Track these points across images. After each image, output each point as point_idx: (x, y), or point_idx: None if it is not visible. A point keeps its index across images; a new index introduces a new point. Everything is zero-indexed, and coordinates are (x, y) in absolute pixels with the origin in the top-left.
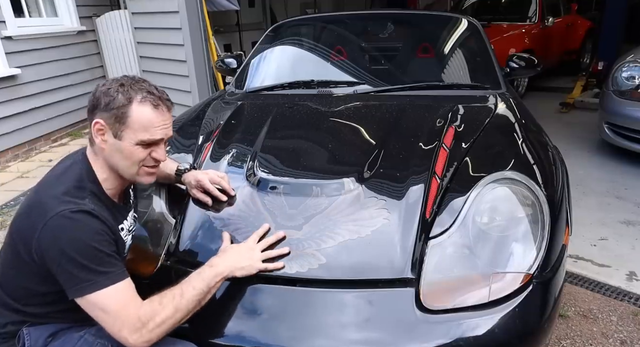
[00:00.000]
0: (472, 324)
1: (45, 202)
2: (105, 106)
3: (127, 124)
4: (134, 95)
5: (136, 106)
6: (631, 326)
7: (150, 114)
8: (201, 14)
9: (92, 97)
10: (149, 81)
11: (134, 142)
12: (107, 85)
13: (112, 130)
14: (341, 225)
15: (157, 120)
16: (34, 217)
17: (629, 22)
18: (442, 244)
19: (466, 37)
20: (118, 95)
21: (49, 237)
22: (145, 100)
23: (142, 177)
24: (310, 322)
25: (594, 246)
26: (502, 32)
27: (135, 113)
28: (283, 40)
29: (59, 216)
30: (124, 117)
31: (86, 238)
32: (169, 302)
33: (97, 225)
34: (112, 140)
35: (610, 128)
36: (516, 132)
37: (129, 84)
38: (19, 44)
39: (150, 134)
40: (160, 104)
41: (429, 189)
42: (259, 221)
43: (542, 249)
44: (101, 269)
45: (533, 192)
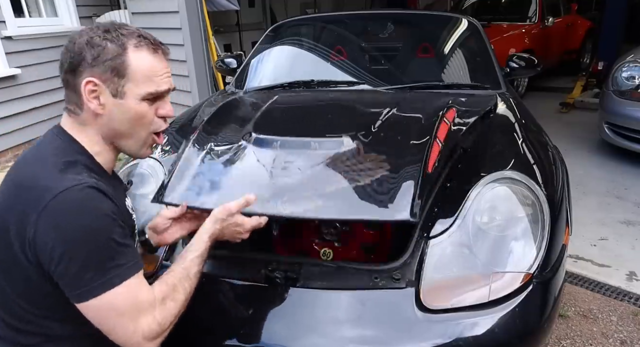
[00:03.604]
0: (472, 324)
1: (36, 185)
2: (95, 59)
3: (128, 76)
4: (127, 40)
5: (133, 53)
6: (631, 326)
7: (152, 60)
8: (201, 14)
9: (70, 53)
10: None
11: (140, 97)
12: (86, 34)
13: (109, 89)
14: (339, 174)
15: (160, 67)
16: (23, 205)
17: (629, 22)
18: (442, 244)
19: (466, 37)
20: (107, 43)
21: (48, 226)
22: (140, 45)
23: (147, 150)
24: (310, 321)
25: (594, 246)
26: (502, 32)
27: (134, 61)
28: (283, 40)
29: (63, 196)
30: (122, 68)
31: (97, 225)
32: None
33: (107, 205)
34: (111, 102)
35: (610, 128)
36: (516, 132)
37: (114, 28)
38: (19, 44)
39: (157, 85)
40: (158, 47)
41: (430, 148)
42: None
43: (542, 248)
44: (112, 263)
45: (533, 191)
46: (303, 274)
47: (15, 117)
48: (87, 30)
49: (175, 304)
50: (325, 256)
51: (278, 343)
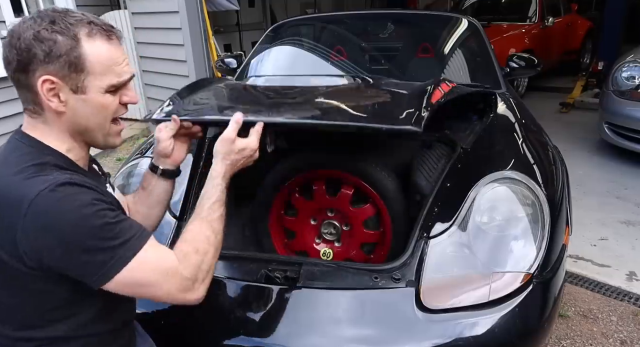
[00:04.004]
0: (471, 324)
1: (6, 194)
2: (47, 55)
3: (87, 69)
4: (77, 30)
5: (87, 44)
6: (631, 326)
7: (108, 48)
8: (201, 14)
9: (15, 50)
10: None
11: (103, 89)
12: (30, 28)
13: (68, 85)
14: (341, 97)
15: (118, 55)
16: (4, 216)
17: (629, 22)
18: (442, 244)
19: (466, 37)
20: (57, 36)
21: (38, 231)
22: (93, 33)
23: (113, 138)
24: (310, 321)
25: (594, 246)
26: (502, 32)
27: (91, 53)
28: (283, 40)
29: (37, 201)
30: (79, 62)
31: (83, 216)
32: (203, 246)
33: (86, 196)
34: (73, 98)
35: (610, 128)
36: (516, 132)
37: (60, 17)
38: None
39: (118, 75)
40: (112, 33)
41: (434, 89)
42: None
43: (542, 248)
44: (117, 241)
45: (533, 191)
46: (303, 274)
47: (15, 117)
48: (30, 23)
49: (201, 255)
50: (325, 256)
51: (278, 343)
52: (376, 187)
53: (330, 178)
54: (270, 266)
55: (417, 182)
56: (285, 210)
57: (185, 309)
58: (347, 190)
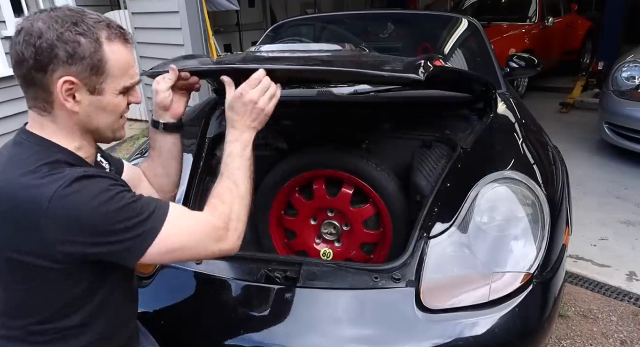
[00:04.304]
0: (471, 324)
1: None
2: (70, 57)
3: (107, 72)
4: (99, 33)
5: (108, 47)
6: (631, 326)
7: (125, 52)
8: (201, 14)
9: (34, 48)
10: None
11: (117, 91)
12: (53, 29)
13: (86, 86)
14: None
15: (131, 59)
16: (24, 220)
17: (629, 22)
18: (442, 244)
19: (466, 37)
20: (80, 38)
21: (65, 226)
22: (112, 36)
23: (120, 132)
24: (310, 321)
25: (594, 246)
26: (502, 32)
27: (111, 56)
28: (283, 40)
29: (56, 199)
30: (101, 65)
31: (105, 203)
32: (229, 196)
33: (102, 183)
34: (88, 99)
35: (610, 128)
36: (516, 132)
37: (81, 19)
38: None
39: (132, 77)
40: (126, 35)
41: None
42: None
43: (542, 248)
44: (143, 216)
45: (533, 191)
46: (303, 274)
47: (16, 117)
48: (51, 22)
49: (228, 205)
50: (325, 256)
51: (278, 343)
52: (376, 187)
53: (330, 178)
54: (270, 266)
55: (417, 182)
56: (285, 210)
57: (185, 308)
58: (347, 190)
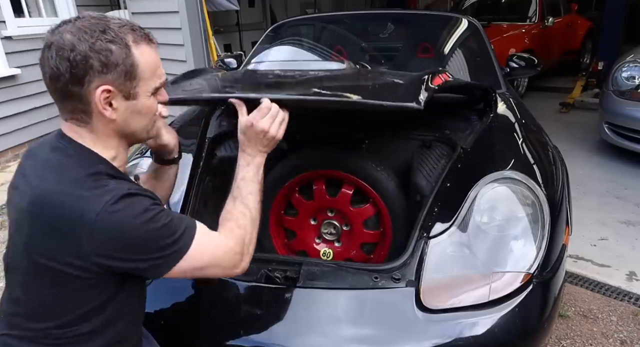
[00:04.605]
0: (471, 324)
1: (70, 207)
2: (104, 66)
3: (139, 76)
4: (126, 38)
5: (136, 51)
6: (631, 326)
7: (151, 53)
8: (201, 14)
9: (68, 62)
10: None
11: (149, 93)
12: (84, 40)
13: (122, 93)
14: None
15: (158, 58)
16: (67, 229)
17: (629, 22)
18: (442, 244)
19: (466, 37)
20: (111, 46)
21: (106, 240)
22: (138, 39)
23: (152, 131)
24: (310, 321)
25: (594, 246)
26: (502, 32)
27: (140, 59)
28: (283, 40)
29: (103, 214)
30: (133, 70)
31: (146, 223)
32: (244, 221)
33: (144, 202)
34: (124, 105)
35: (610, 128)
36: (516, 132)
37: (106, 26)
38: (19, 44)
39: (160, 77)
40: (150, 36)
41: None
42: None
43: (542, 248)
44: (175, 236)
45: (533, 191)
46: (303, 274)
47: (15, 117)
48: (80, 34)
49: (242, 229)
50: (325, 256)
51: (278, 343)
52: (376, 187)
53: (330, 178)
54: (270, 266)
55: (417, 182)
56: (285, 210)
57: (185, 308)
58: (347, 190)
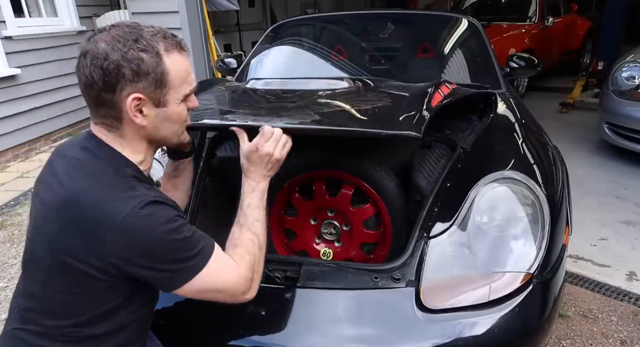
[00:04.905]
0: (471, 324)
1: (98, 208)
2: (135, 74)
3: (169, 84)
4: (157, 46)
5: (167, 59)
6: (631, 326)
7: (182, 61)
8: (201, 14)
9: (102, 70)
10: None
11: (179, 100)
12: (117, 49)
13: (152, 100)
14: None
15: (189, 66)
16: (92, 230)
17: (629, 22)
18: (442, 244)
19: (466, 37)
20: (142, 54)
21: (128, 245)
22: (170, 48)
23: (184, 136)
24: (310, 321)
25: (594, 246)
26: (502, 32)
27: (171, 67)
28: (283, 40)
29: (129, 218)
30: (164, 78)
31: (168, 232)
32: (252, 248)
33: (169, 212)
34: (154, 112)
35: (610, 128)
36: (516, 132)
37: (140, 35)
38: (19, 44)
39: (190, 84)
40: (182, 44)
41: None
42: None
43: (542, 248)
44: (193, 251)
45: (533, 191)
46: (303, 274)
47: (15, 117)
48: (114, 43)
49: (252, 256)
50: (325, 256)
51: (278, 343)
52: (376, 187)
53: (330, 178)
54: (270, 266)
55: (417, 182)
56: (285, 210)
57: (185, 308)
58: (347, 190)
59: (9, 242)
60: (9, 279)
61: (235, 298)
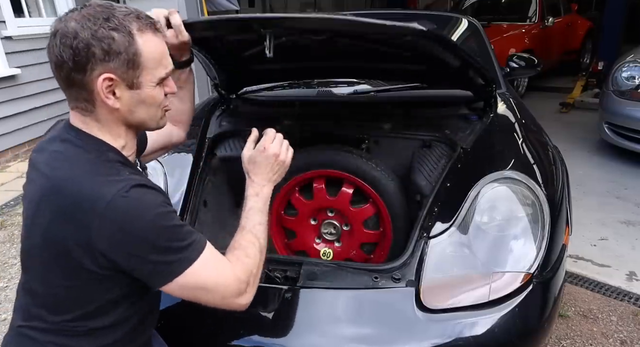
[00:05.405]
0: (471, 324)
1: (82, 194)
2: (106, 54)
3: (142, 65)
4: (129, 26)
5: (140, 39)
6: (631, 326)
7: (157, 42)
8: (201, 14)
9: (71, 50)
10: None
11: (154, 83)
12: (87, 28)
13: (125, 82)
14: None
15: (164, 47)
16: (78, 217)
17: (629, 22)
18: (442, 244)
19: (466, 37)
20: (114, 33)
21: (114, 231)
22: (143, 28)
23: (163, 120)
24: (310, 321)
25: (594, 246)
26: (502, 32)
27: (144, 48)
28: None
29: (114, 202)
30: (136, 58)
31: (156, 217)
32: (252, 250)
33: (156, 197)
34: (128, 94)
35: (610, 128)
36: (516, 132)
37: (110, 14)
38: (19, 44)
39: (166, 67)
40: (156, 25)
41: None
42: None
43: (542, 248)
44: (183, 243)
45: (533, 191)
46: (303, 274)
47: (15, 117)
48: (84, 21)
49: (251, 259)
50: (325, 256)
51: (278, 343)
52: (376, 187)
53: (330, 178)
54: (270, 266)
55: (417, 182)
56: (285, 210)
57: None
58: (347, 190)
59: (9, 242)
60: (9, 279)
61: (227, 301)
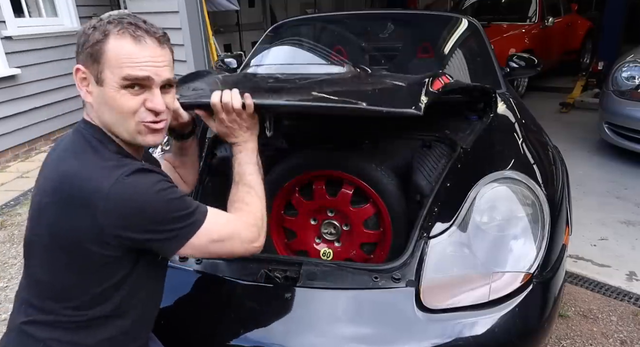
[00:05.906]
0: (471, 324)
1: (85, 182)
2: (82, 47)
3: (103, 61)
4: (112, 28)
5: (113, 40)
6: (631, 326)
7: (130, 46)
8: (201, 14)
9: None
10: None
11: (117, 84)
12: (90, 23)
13: (93, 75)
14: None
15: (140, 55)
16: (84, 203)
17: (629, 22)
18: (442, 244)
19: (466, 37)
20: (94, 31)
21: (120, 211)
22: (123, 31)
23: (144, 137)
24: (310, 321)
25: (594, 246)
26: (502, 32)
27: (111, 47)
28: (283, 40)
29: (116, 185)
30: (98, 54)
31: (160, 192)
32: (250, 198)
33: (156, 178)
34: (97, 90)
35: (610, 128)
36: (516, 132)
37: (111, 18)
38: (19, 44)
39: (131, 69)
40: (145, 36)
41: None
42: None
43: (542, 248)
44: (190, 209)
45: (533, 191)
46: (303, 274)
47: (15, 117)
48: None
49: (251, 205)
50: (325, 256)
51: (278, 342)
52: (376, 187)
53: (330, 178)
54: (270, 266)
55: (417, 182)
56: (285, 210)
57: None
58: (347, 190)
59: (9, 242)
60: (8, 279)
61: (245, 246)
